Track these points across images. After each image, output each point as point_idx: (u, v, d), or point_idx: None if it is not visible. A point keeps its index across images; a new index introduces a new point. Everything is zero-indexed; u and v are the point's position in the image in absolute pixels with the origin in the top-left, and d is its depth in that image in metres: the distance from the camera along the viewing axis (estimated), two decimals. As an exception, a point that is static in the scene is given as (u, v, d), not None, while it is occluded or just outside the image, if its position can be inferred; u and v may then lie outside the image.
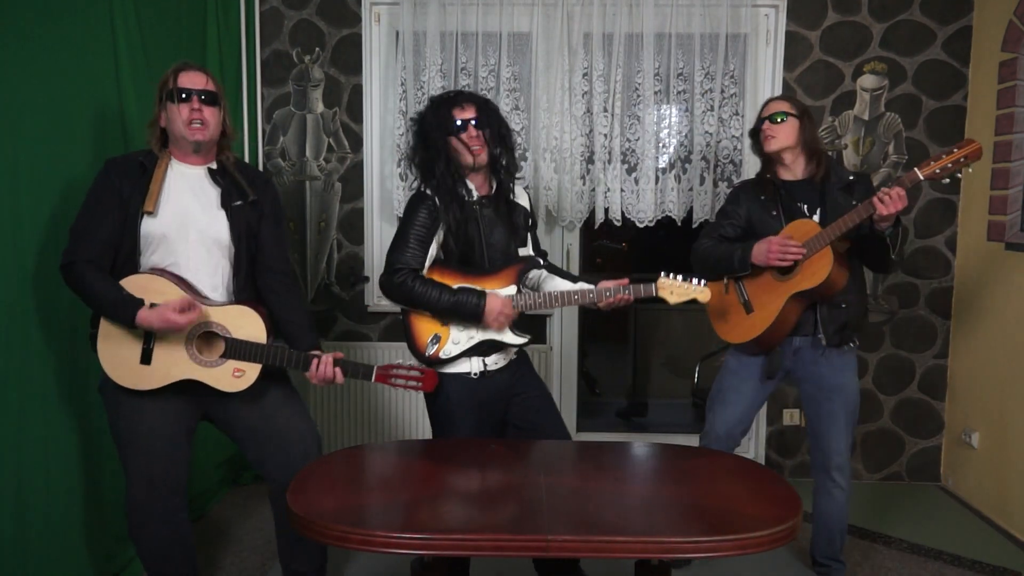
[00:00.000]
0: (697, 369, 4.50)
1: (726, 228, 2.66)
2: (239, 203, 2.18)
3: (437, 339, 2.24)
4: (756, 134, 2.61)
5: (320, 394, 3.66)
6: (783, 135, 2.53)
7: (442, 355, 2.23)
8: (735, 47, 3.45)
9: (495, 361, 2.29)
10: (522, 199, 2.44)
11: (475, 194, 2.29)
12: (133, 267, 2.09)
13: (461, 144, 2.23)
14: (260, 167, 3.63)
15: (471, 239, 2.26)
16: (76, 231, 2.07)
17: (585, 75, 3.48)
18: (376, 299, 3.73)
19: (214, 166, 2.20)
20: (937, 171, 2.33)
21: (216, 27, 3.28)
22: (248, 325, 2.11)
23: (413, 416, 3.68)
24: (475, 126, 2.22)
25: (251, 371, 2.11)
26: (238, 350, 2.09)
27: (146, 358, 2.07)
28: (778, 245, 2.41)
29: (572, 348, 3.77)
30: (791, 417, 3.73)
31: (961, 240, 3.58)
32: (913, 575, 2.83)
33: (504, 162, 2.32)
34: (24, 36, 2.15)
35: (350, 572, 2.75)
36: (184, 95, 2.07)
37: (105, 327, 2.07)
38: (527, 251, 2.41)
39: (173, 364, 2.08)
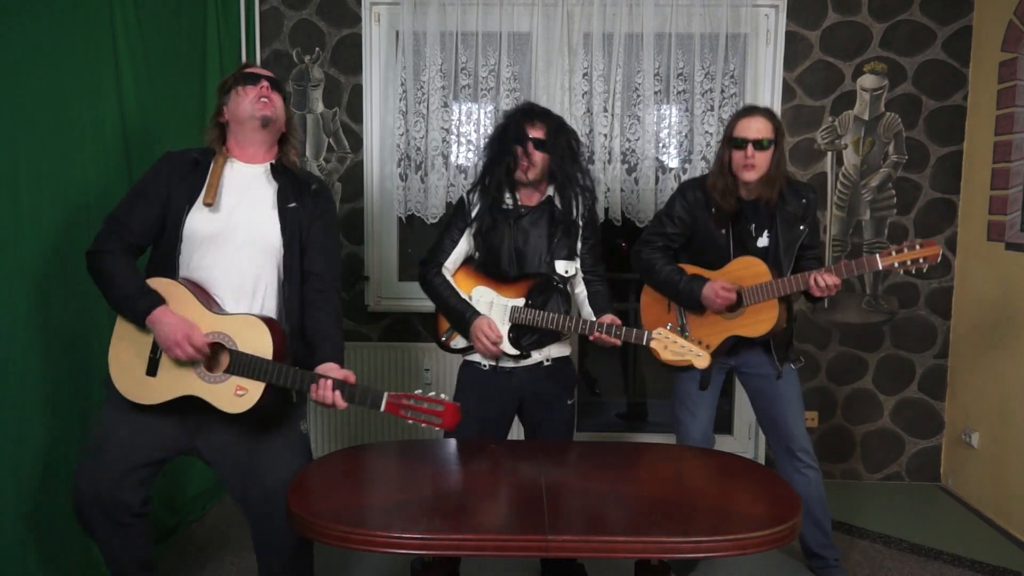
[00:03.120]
0: (697, 369, 4.48)
1: (672, 238, 2.54)
2: (293, 205, 2.04)
3: (452, 329, 2.40)
4: (728, 146, 2.40)
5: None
6: (764, 163, 2.36)
7: (452, 345, 2.40)
8: (735, 47, 3.45)
9: (504, 361, 2.37)
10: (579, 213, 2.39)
11: (516, 203, 2.36)
12: (169, 267, 1.96)
13: (516, 157, 2.32)
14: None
15: (496, 245, 2.36)
16: (111, 219, 1.97)
17: (585, 75, 3.48)
18: (376, 299, 3.73)
19: (274, 162, 2.10)
20: (896, 264, 2.30)
21: (216, 27, 3.28)
22: (255, 339, 1.89)
23: (413, 416, 3.68)
24: (535, 146, 2.30)
25: (254, 390, 1.88)
26: (242, 365, 1.88)
27: (152, 369, 1.91)
28: (722, 301, 2.40)
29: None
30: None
31: (961, 240, 3.58)
32: (913, 575, 2.83)
33: (561, 180, 2.35)
34: (23, 36, 2.15)
35: (350, 572, 2.75)
36: (254, 78, 2.03)
37: (120, 328, 1.94)
38: (566, 265, 2.38)
39: (178, 378, 1.90)
